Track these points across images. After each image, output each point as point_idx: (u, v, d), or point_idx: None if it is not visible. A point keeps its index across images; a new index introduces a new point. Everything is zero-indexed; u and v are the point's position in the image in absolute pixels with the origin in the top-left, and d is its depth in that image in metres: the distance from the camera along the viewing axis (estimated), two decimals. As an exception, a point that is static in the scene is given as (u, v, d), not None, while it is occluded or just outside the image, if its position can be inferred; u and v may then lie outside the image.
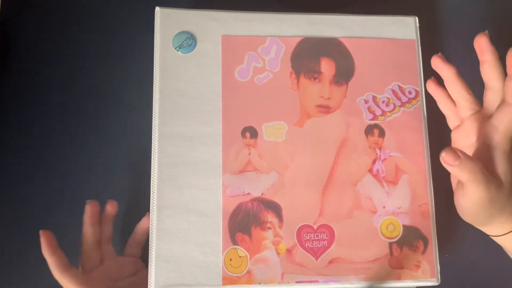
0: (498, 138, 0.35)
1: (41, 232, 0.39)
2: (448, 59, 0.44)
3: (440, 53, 0.39)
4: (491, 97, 0.37)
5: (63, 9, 0.48)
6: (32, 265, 0.43)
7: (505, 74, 0.36)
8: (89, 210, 0.42)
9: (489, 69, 0.37)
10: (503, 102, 0.36)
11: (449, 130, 0.42)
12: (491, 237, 0.39)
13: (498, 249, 0.40)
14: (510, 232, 0.37)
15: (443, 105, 0.41)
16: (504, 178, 0.35)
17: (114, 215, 0.43)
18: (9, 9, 0.47)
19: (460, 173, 0.34)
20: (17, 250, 0.43)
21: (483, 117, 0.38)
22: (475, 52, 0.43)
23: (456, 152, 0.33)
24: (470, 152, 0.39)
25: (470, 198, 0.35)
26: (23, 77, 0.47)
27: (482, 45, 0.37)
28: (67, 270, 0.38)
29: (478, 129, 0.38)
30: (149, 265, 0.39)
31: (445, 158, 0.33)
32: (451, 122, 0.41)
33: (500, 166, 0.35)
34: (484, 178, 0.34)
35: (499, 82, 0.37)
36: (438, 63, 0.39)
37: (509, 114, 0.35)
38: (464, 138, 0.40)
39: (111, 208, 0.43)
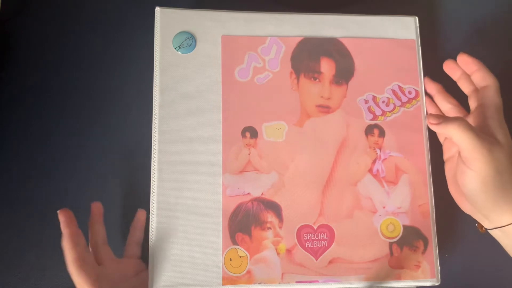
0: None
1: (59, 211, 0.38)
2: (448, 58, 0.44)
3: (427, 76, 0.45)
4: (474, 100, 0.42)
5: (63, 9, 0.48)
6: (32, 265, 0.43)
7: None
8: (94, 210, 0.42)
9: (464, 80, 0.43)
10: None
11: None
12: (493, 231, 0.39)
13: (499, 249, 0.40)
14: None
15: None
16: (499, 136, 0.38)
17: (102, 216, 0.42)
18: (9, 9, 0.47)
19: (446, 128, 0.37)
20: (17, 251, 0.43)
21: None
22: (476, 52, 0.43)
23: (438, 114, 0.40)
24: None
25: (470, 163, 0.37)
26: (23, 77, 0.47)
27: (450, 65, 0.44)
28: (83, 266, 0.37)
29: None
30: (149, 265, 0.39)
31: (430, 120, 0.39)
32: (441, 136, 0.44)
33: (495, 128, 0.39)
34: (472, 128, 0.37)
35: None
36: (428, 82, 0.45)
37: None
38: (455, 144, 0.41)
39: (96, 209, 0.42)
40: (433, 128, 0.39)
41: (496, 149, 0.37)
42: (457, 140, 0.37)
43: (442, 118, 0.38)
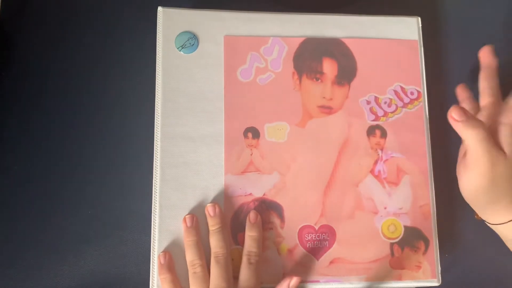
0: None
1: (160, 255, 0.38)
2: (450, 59, 0.44)
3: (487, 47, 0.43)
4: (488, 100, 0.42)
5: (64, 9, 0.48)
6: (32, 265, 0.43)
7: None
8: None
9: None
10: None
11: (451, 132, 0.42)
12: (491, 225, 0.39)
13: (499, 249, 0.40)
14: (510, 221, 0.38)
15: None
16: (508, 147, 0.37)
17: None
18: (9, 9, 0.47)
19: (464, 130, 0.36)
20: (17, 250, 0.43)
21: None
22: (477, 52, 0.43)
23: (464, 110, 0.37)
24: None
25: (471, 168, 0.37)
26: (23, 77, 0.46)
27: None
28: None
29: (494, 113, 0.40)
30: (151, 265, 0.39)
31: (452, 113, 0.37)
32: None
33: (505, 137, 0.37)
34: (487, 141, 0.36)
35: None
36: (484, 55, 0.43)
37: None
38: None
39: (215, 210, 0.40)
40: (451, 122, 0.37)
41: (500, 162, 0.37)
42: (468, 146, 0.37)
43: (465, 117, 0.37)
